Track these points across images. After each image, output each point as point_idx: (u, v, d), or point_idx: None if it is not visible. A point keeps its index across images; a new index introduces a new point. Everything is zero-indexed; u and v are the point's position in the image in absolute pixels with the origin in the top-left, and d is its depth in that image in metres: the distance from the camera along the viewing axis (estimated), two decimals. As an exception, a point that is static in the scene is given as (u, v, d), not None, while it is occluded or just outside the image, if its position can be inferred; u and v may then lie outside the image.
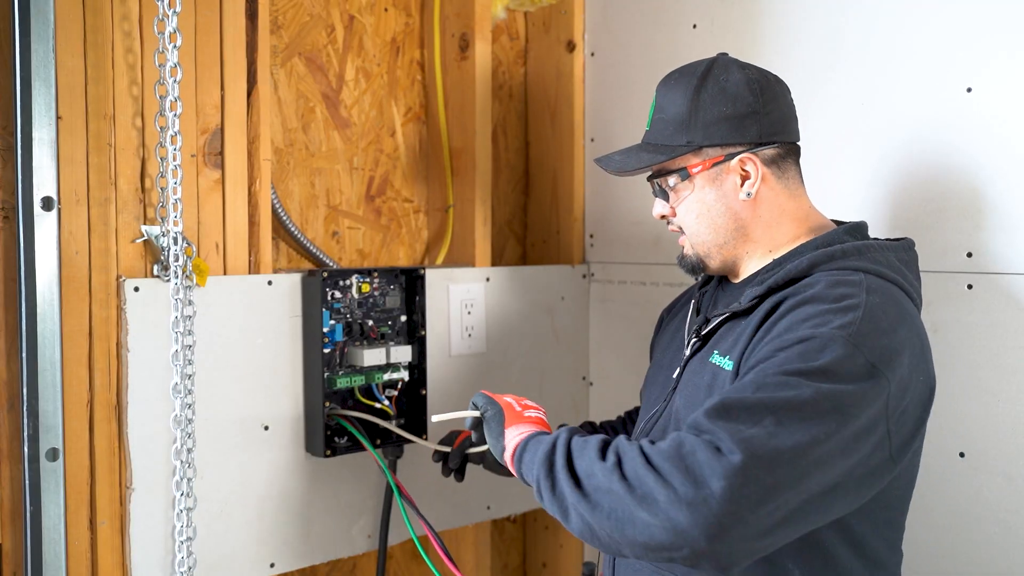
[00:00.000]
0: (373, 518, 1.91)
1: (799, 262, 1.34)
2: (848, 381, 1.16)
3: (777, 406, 1.13)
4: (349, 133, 2.06)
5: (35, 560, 1.51)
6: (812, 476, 1.12)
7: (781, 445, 1.10)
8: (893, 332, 1.23)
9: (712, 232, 1.43)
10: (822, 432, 1.12)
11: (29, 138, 1.49)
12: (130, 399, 1.60)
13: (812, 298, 1.26)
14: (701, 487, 1.07)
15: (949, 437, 1.70)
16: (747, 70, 1.41)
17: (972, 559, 1.68)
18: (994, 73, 1.64)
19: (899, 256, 1.38)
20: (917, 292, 1.39)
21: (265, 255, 1.78)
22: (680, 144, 1.40)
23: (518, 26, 2.34)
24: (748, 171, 1.40)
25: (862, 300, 1.24)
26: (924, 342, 1.31)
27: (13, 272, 1.52)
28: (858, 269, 1.31)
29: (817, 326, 1.21)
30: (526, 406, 1.45)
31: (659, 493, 1.10)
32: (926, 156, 1.73)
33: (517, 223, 2.37)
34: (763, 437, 1.10)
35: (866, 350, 1.19)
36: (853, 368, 1.17)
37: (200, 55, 1.68)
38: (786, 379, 1.15)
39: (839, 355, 1.17)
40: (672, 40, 2.09)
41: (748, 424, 1.11)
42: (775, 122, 1.41)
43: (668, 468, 1.10)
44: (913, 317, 1.30)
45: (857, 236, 1.40)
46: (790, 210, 1.42)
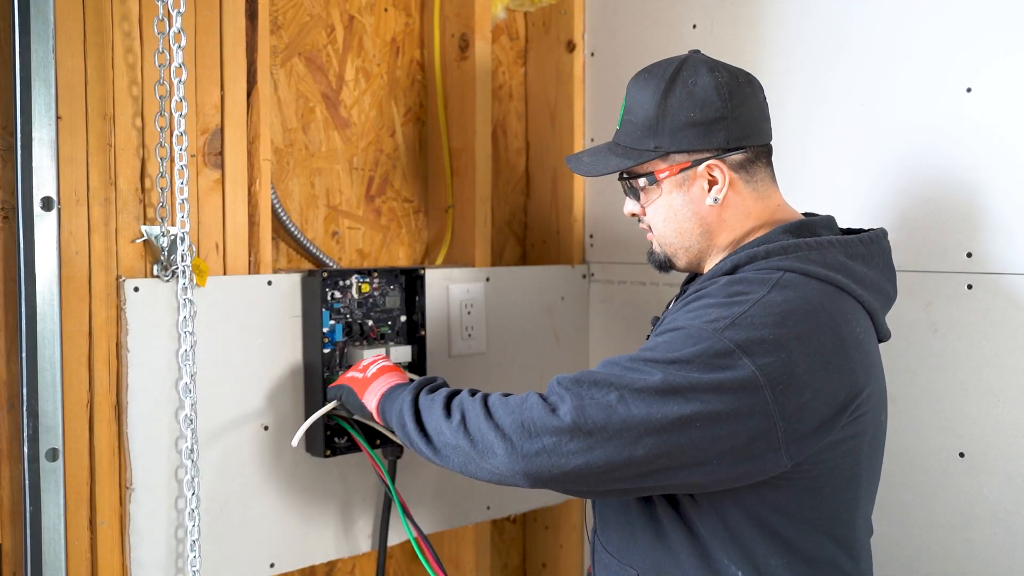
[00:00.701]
0: (373, 518, 1.91)
1: (723, 263, 1.37)
2: (703, 371, 1.21)
3: (622, 384, 1.23)
4: (349, 133, 2.06)
5: (35, 560, 1.51)
6: (639, 447, 1.20)
7: (610, 417, 1.21)
8: (780, 326, 1.24)
9: (678, 235, 1.44)
10: (658, 412, 1.20)
11: (29, 138, 1.49)
12: (130, 399, 1.60)
13: (706, 294, 1.32)
14: (532, 440, 1.23)
15: (949, 437, 1.70)
16: (716, 72, 1.39)
17: (972, 559, 1.68)
18: (994, 73, 1.64)
19: (849, 251, 1.36)
20: (875, 287, 1.38)
21: (265, 255, 1.78)
22: (647, 149, 1.40)
23: (518, 26, 2.34)
24: (715, 177, 1.40)
25: (756, 297, 1.27)
26: (839, 339, 1.28)
27: (13, 272, 1.52)
28: (779, 268, 1.32)
29: (693, 319, 1.27)
30: (366, 367, 1.58)
31: (498, 446, 1.25)
32: (926, 156, 1.73)
33: (517, 223, 2.37)
34: (597, 407, 1.22)
35: (734, 342, 1.22)
36: (713, 359, 1.22)
37: (200, 55, 1.68)
38: (641, 364, 1.25)
39: (700, 348, 1.23)
40: (672, 40, 2.09)
41: (590, 394, 1.23)
42: (744, 126, 1.40)
43: (507, 423, 1.25)
44: (825, 314, 1.28)
45: (800, 233, 1.38)
46: (755, 212, 1.42)
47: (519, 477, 1.25)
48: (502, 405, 1.28)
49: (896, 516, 1.77)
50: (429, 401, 1.37)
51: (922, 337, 1.73)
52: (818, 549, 1.33)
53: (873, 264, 1.40)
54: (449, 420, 1.31)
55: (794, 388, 1.22)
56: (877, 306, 1.39)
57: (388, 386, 1.51)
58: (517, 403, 1.27)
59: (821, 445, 1.27)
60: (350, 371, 1.62)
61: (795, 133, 1.89)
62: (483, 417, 1.28)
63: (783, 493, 1.30)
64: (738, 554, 1.31)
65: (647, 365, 1.24)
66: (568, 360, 2.25)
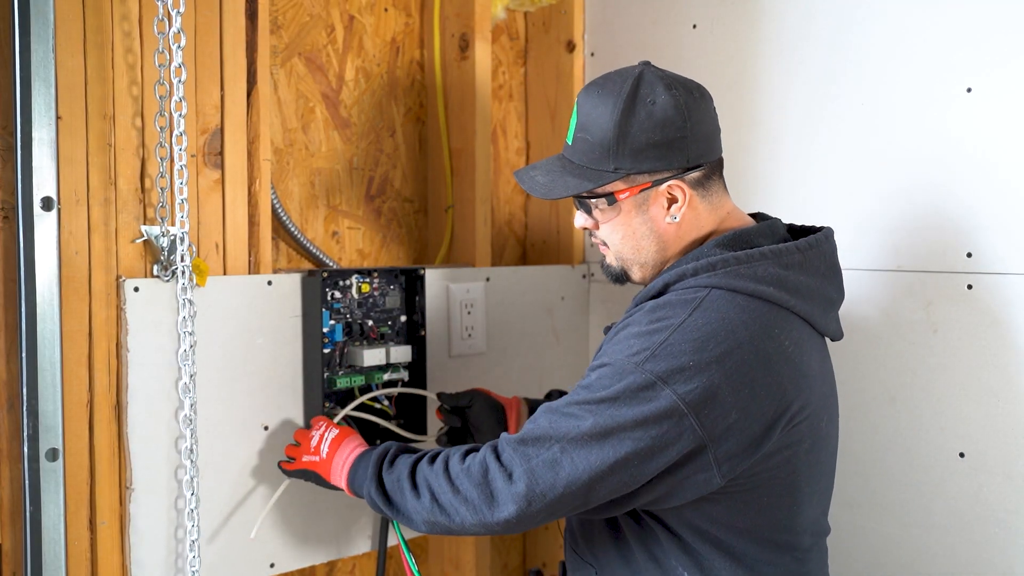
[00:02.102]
0: (373, 518, 1.91)
1: (656, 282, 1.39)
2: (630, 405, 1.26)
3: (560, 435, 1.29)
4: (349, 133, 2.06)
5: (35, 560, 1.51)
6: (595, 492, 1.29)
7: (558, 475, 1.29)
8: (700, 351, 1.27)
9: (635, 252, 1.44)
10: (597, 459, 1.27)
11: (29, 138, 1.49)
12: (130, 399, 1.60)
13: (634, 321, 1.34)
14: (499, 510, 1.32)
15: (949, 437, 1.70)
16: (673, 90, 1.38)
17: (972, 559, 1.68)
18: (994, 73, 1.64)
19: (783, 260, 1.35)
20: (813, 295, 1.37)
21: (265, 255, 1.78)
22: (607, 170, 1.39)
23: (518, 26, 2.34)
24: (675, 196, 1.39)
25: (676, 322, 1.29)
26: (763, 356, 1.29)
27: (13, 272, 1.52)
28: (707, 286, 1.33)
29: (618, 352, 1.31)
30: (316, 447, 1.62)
31: (471, 519, 1.34)
32: (926, 156, 1.73)
33: (517, 223, 2.37)
34: (544, 466, 1.29)
35: (655, 374, 1.26)
36: (636, 394, 1.26)
37: (200, 55, 1.68)
38: (574, 409, 1.30)
39: (624, 384, 1.27)
40: (672, 40, 2.09)
41: (536, 452, 1.30)
42: (701, 143, 1.39)
43: (475, 496, 1.33)
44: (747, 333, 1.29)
45: (733, 246, 1.38)
46: (708, 224, 1.43)
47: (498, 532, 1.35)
48: (465, 476, 1.35)
49: (896, 516, 1.77)
50: (394, 481, 1.43)
51: (922, 337, 1.73)
52: (760, 554, 1.37)
53: (810, 270, 1.38)
54: (419, 499, 1.39)
55: (718, 410, 1.26)
56: (816, 312, 1.38)
57: (348, 462, 1.54)
58: (478, 472, 1.34)
59: (753, 460, 1.30)
60: (303, 453, 1.64)
61: (795, 133, 1.89)
62: (450, 492, 1.36)
63: (719, 506, 1.34)
64: (686, 559, 1.37)
65: (580, 409, 1.30)
66: (568, 360, 2.25)
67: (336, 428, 1.63)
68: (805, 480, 1.37)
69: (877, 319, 1.78)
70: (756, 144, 1.95)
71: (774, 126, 1.93)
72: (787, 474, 1.34)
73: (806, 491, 1.38)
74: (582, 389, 1.32)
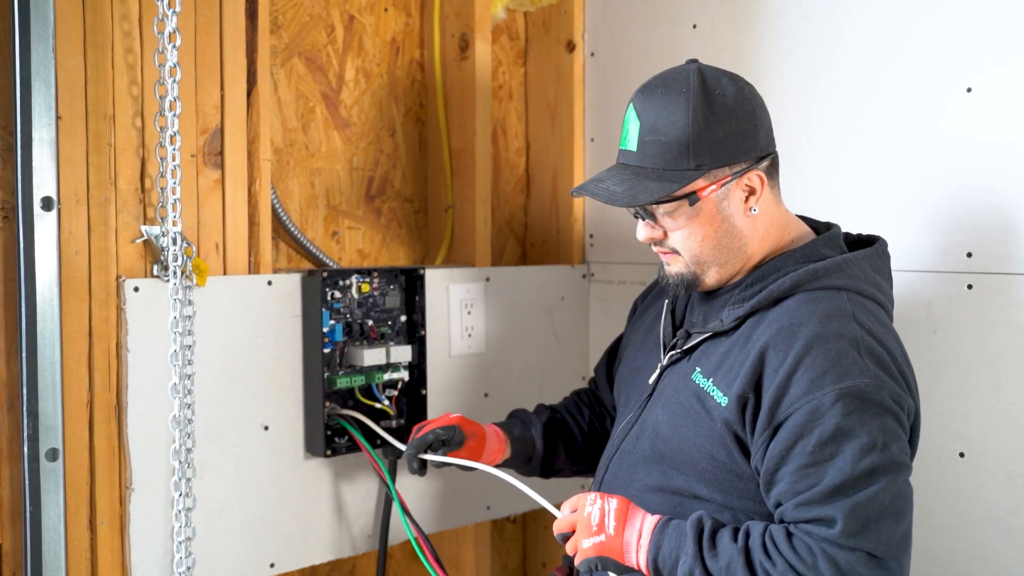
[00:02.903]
0: (373, 518, 1.91)
1: (781, 282, 1.35)
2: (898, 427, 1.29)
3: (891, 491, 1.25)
4: (349, 133, 2.06)
5: (35, 560, 1.51)
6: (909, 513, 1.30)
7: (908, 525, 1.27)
8: (890, 357, 1.31)
9: (716, 251, 1.40)
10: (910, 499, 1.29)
11: (29, 138, 1.48)
12: (130, 399, 1.60)
13: (814, 340, 1.28)
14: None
15: (949, 437, 1.70)
16: (736, 80, 1.39)
17: (972, 559, 1.68)
18: (994, 73, 1.64)
19: (873, 265, 1.41)
20: (890, 299, 1.44)
21: (265, 255, 1.78)
22: (688, 169, 1.35)
23: (518, 26, 2.34)
24: (754, 186, 1.39)
25: (856, 333, 1.30)
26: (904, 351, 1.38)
27: (13, 272, 1.52)
28: (839, 287, 1.34)
29: (840, 378, 1.26)
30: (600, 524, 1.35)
31: None
32: (926, 156, 1.73)
33: (517, 223, 2.37)
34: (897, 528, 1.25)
35: (891, 388, 1.28)
36: (894, 413, 1.28)
37: (200, 55, 1.68)
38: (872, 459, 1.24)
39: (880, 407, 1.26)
40: (672, 40, 2.09)
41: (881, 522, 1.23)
42: (768, 132, 1.41)
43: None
44: (892, 331, 1.38)
45: (834, 247, 1.42)
46: (779, 219, 1.43)
47: None
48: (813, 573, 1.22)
49: (896, 516, 1.77)
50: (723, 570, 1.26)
51: (922, 337, 1.73)
52: None
53: (885, 275, 1.44)
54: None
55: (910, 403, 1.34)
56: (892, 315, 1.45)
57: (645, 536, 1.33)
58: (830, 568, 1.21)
59: None
60: (583, 535, 1.36)
61: (795, 133, 1.89)
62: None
63: None
64: None
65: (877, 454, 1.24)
66: (568, 360, 2.25)
67: (613, 497, 1.37)
68: None
69: (877, 319, 1.78)
70: (756, 144, 1.95)
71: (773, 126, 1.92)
72: None
73: None
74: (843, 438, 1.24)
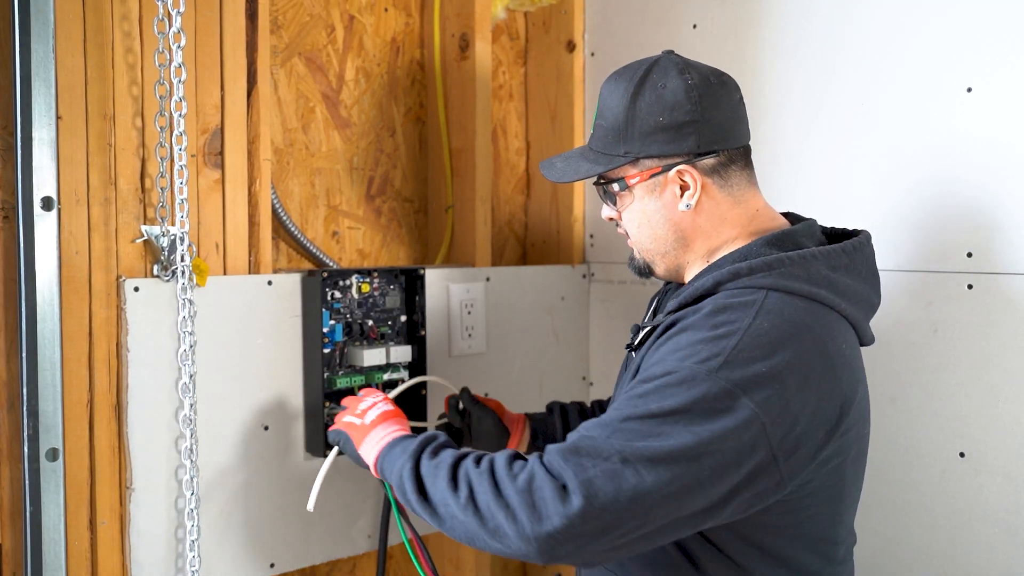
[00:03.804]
0: (373, 518, 1.91)
1: (705, 280, 1.32)
2: (706, 417, 1.17)
3: (625, 450, 1.16)
4: (349, 133, 2.06)
5: (35, 560, 1.51)
6: (655, 513, 1.15)
7: (622, 489, 1.14)
8: (771, 357, 1.20)
9: (653, 241, 1.42)
10: (668, 474, 1.15)
11: (29, 138, 1.49)
12: (130, 399, 1.60)
13: (692, 325, 1.26)
14: (544, 523, 1.15)
15: (949, 437, 1.70)
16: (686, 74, 1.36)
17: (972, 559, 1.68)
18: (994, 73, 1.64)
19: (832, 263, 1.32)
20: (859, 298, 1.35)
21: (265, 255, 1.78)
22: (618, 154, 1.38)
23: (518, 26, 2.34)
24: (687, 182, 1.37)
25: (743, 326, 1.22)
26: (827, 359, 1.25)
27: (13, 272, 1.52)
28: (762, 287, 1.28)
29: (684, 359, 1.21)
30: (364, 411, 1.50)
31: (508, 528, 1.18)
32: (926, 156, 1.73)
33: (517, 223, 2.37)
34: (605, 477, 1.14)
35: (732, 382, 1.18)
36: (713, 403, 1.17)
37: (200, 55, 1.68)
38: (635, 424, 1.18)
39: (698, 393, 1.18)
40: (672, 40, 2.09)
41: (593, 463, 1.16)
42: (715, 129, 1.36)
43: (517, 503, 1.18)
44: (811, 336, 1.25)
45: (781, 245, 1.34)
46: (732, 217, 1.39)
47: (533, 558, 1.19)
48: (510, 482, 1.20)
49: (896, 516, 1.77)
50: (433, 468, 1.29)
51: (922, 337, 1.73)
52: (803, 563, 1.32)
53: (856, 273, 1.35)
54: (456, 494, 1.24)
55: (790, 419, 1.20)
56: (861, 317, 1.36)
57: (387, 439, 1.42)
58: (526, 480, 1.19)
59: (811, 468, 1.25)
60: (347, 413, 1.54)
61: (795, 133, 1.89)
62: (492, 495, 1.20)
63: (769, 514, 1.28)
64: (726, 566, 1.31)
65: (644, 423, 1.18)
66: (568, 360, 2.25)
67: (392, 405, 1.53)
68: (849, 488, 1.33)
69: (877, 319, 1.77)
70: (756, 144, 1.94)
71: (774, 126, 1.93)
72: (835, 482, 1.30)
73: (847, 500, 1.34)
74: (639, 399, 1.21)
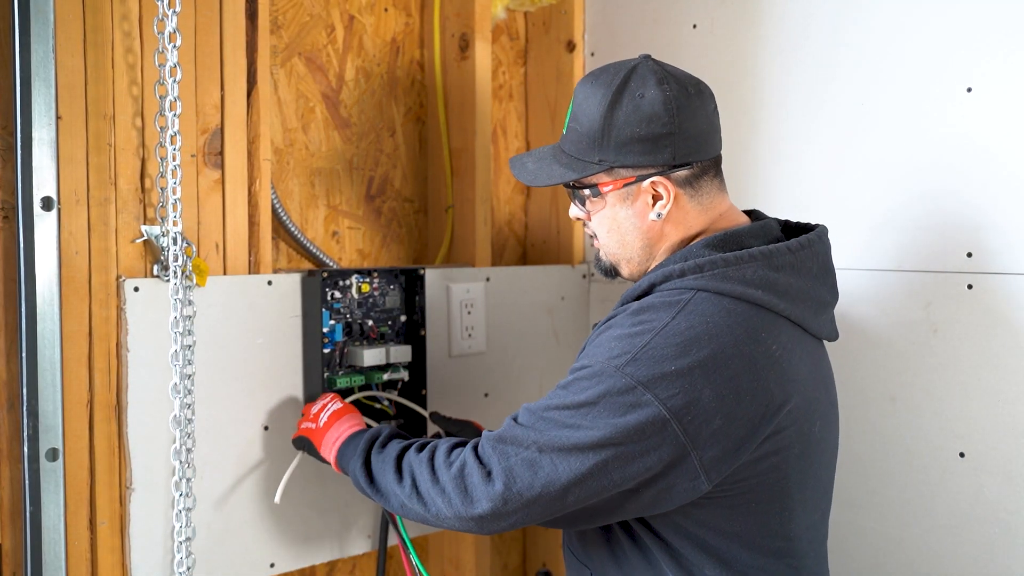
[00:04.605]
0: (373, 518, 1.91)
1: (641, 282, 1.36)
2: (610, 411, 1.25)
3: (538, 438, 1.29)
4: (349, 133, 2.06)
5: (35, 560, 1.51)
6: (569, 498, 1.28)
7: (537, 474, 1.28)
8: (683, 356, 1.24)
9: (621, 247, 1.43)
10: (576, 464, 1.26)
11: (29, 138, 1.49)
12: (130, 399, 1.60)
13: (617, 323, 1.33)
14: (474, 506, 1.32)
15: (949, 437, 1.70)
16: (665, 85, 1.36)
17: (972, 559, 1.68)
18: (994, 73, 1.64)
19: (774, 262, 1.32)
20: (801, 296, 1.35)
21: (265, 255, 1.78)
22: (592, 161, 1.38)
23: (518, 26, 2.34)
24: (660, 193, 1.38)
25: (659, 325, 1.27)
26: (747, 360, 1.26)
27: (13, 272, 1.52)
28: (692, 288, 1.30)
29: (597, 355, 1.30)
30: (316, 414, 1.65)
31: (447, 511, 1.35)
32: (926, 156, 1.73)
33: (517, 223, 2.37)
34: (523, 465, 1.29)
35: (636, 379, 1.24)
36: (617, 399, 1.24)
37: (200, 55, 1.68)
38: (552, 414, 1.29)
39: (604, 388, 1.26)
40: (672, 40, 2.09)
41: (515, 451, 1.30)
42: (690, 141, 1.36)
43: (451, 488, 1.34)
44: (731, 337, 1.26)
45: (722, 247, 1.35)
46: (697, 225, 1.40)
47: (474, 531, 1.35)
48: (446, 468, 1.36)
49: (896, 516, 1.77)
50: (380, 461, 1.45)
51: (922, 337, 1.73)
52: (752, 559, 1.33)
53: (802, 271, 1.35)
54: (401, 484, 1.40)
55: (702, 416, 1.24)
56: (807, 314, 1.36)
57: (341, 438, 1.57)
58: (458, 466, 1.35)
59: (739, 464, 1.27)
60: (304, 419, 1.68)
61: (795, 133, 1.89)
62: (430, 482, 1.37)
63: (707, 511, 1.31)
64: (674, 563, 1.34)
65: (559, 412, 1.29)
66: (568, 360, 2.25)
67: (341, 403, 1.66)
68: (796, 486, 1.34)
69: (877, 319, 1.78)
70: (756, 144, 1.95)
71: (774, 126, 1.93)
72: (776, 479, 1.32)
73: (798, 497, 1.35)
74: (560, 390, 1.31)
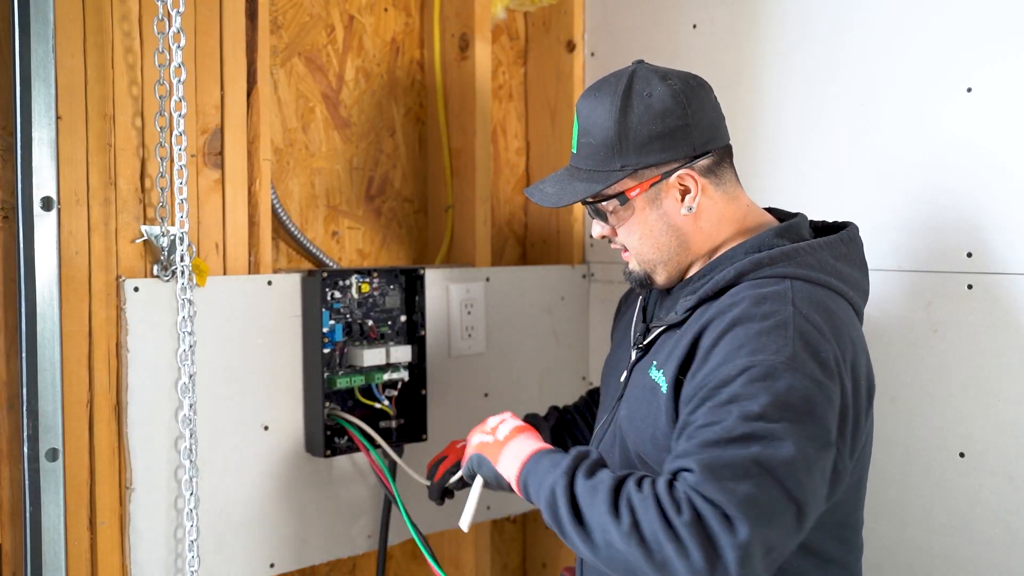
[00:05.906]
0: (373, 518, 1.91)
1: (726, 272, 1.34)
2: (805, 408, 1.19)
3: (760, 459, 1.15)
4: (349, 133, 2.06)
5: (35, 560, 1.51)
6: (807, 514, 1.17)
7: (776, 500, 1.14)
8: (826, 342, 1.24)
9: (656, 250, 1.42)
10: (804, 471, 1.16)
11: (29, 138, 1.49)
12: (130, 399, 1.60)
13: (740, 319, 1.26)
14: (718, 559, 1.11)
15: (949, 437, 1.70)
16: (669, 80, 1.37)
17: (972, 559, 1.68)
18: (994, 73, 1.64)
19: (835, 252, 1.36)
20: (858, 286, 1.39)
21: (265, 255, 1.78)
22: (614, 169, 1.37)
23: (518, 26, 2.34)
24: (687, 186, 1.38)
25: (789, 314, 1.25)
26: (857, 342, 1.31)
27: (13, 272, 1.52)
28: (784, 276, 1.31)
29: (754, 352, 1.22)
30: (494, 428, 1.45)
31: (678, 563, 1.13)
32: (926, 156, 1.73)
33: (517, 223, 2.37)
34: (758, 496, 1.13)
35: (808, 369, 1.20)
36: (803, 393, 1.19)
37: (200, 55, 1.68)
38: (753, 426, 1.17)
39: (786, 383, 1.19)
40: (672, 40, 2.09)
41: (739, 482, 1.14)
42: (705, 130, 1.38)
43: (687, 536, 1.12)
44: (842, 320, 1.30)
45: (789, 237, 1.38)
46: (729, 214, 1.41)
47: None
48: (675, 513, 1.14)
49: (896, 516, 1.77)
50: (590, 490, 1.22)
51: (922, 337, 1.73)
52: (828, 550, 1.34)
53: (852, 262, 1.39)
54: (618, 522, 1.17)
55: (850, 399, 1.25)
56: (860, 303, 1.40)
57: (527, 453, 1.35)
58: (689, 512, 1.13)
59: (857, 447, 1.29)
60: (476, 432, 1.48)
61: (795, 133, 1.89)
62: (660, 526, 1.14)
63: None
64: None
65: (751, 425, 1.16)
66: (568, 360, 2.25)
67: (518, 420, 1.47)
68: (866, 473, 1.38)
69: (877, 319, 1.77)
70: (756, 144, 1.95)
71: (774, 126, 1.93)
72: (860, 467, 1.35)
73: (865, 486, 1.39)
74: (730, 404, 1.19)
